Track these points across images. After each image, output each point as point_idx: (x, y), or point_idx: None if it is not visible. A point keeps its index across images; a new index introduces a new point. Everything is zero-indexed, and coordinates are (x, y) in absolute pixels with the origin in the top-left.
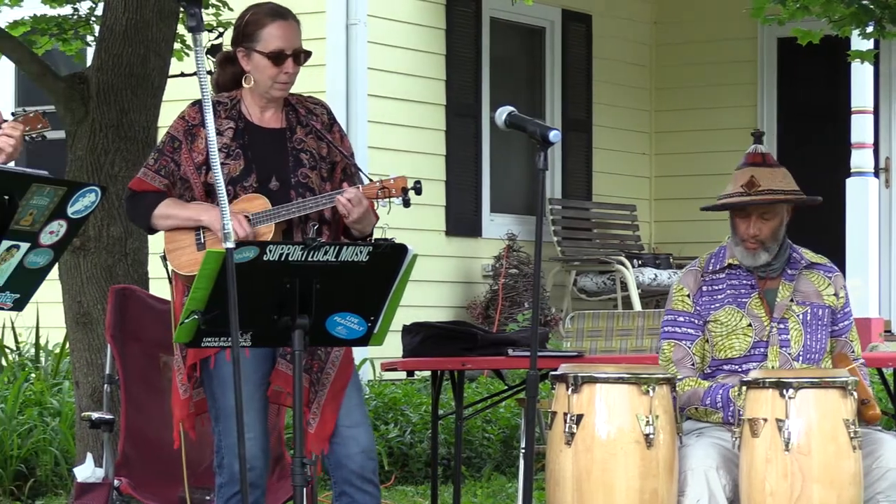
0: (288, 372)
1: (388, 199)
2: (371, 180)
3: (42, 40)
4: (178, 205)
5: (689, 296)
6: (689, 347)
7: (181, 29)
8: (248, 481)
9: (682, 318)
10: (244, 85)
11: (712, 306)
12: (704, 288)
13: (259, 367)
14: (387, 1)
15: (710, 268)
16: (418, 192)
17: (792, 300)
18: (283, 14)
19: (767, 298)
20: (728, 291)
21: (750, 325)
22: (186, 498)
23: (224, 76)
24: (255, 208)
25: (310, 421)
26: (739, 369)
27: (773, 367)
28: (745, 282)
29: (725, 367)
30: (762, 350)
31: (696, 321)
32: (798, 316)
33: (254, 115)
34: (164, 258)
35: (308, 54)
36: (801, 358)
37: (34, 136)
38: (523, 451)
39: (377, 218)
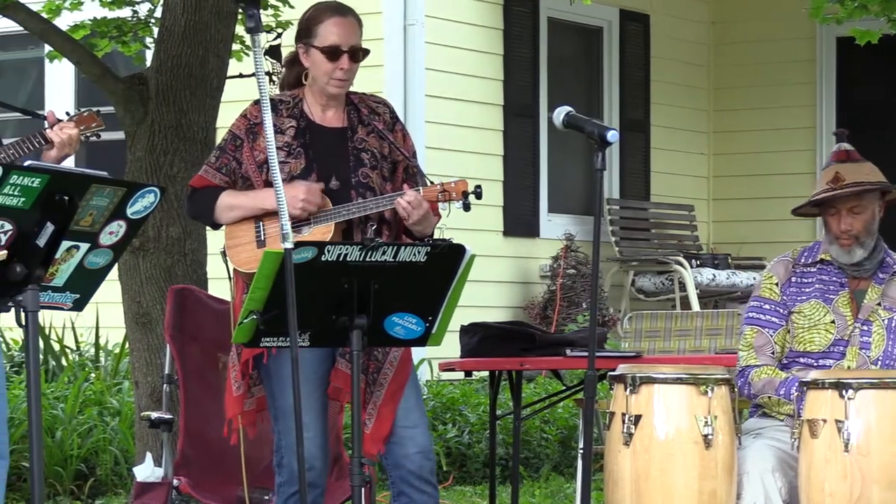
0: (347, 371)
1: (447, 203)
2: (432, 182)
3: (102, 43)
4: (242, 193)
5: (777, 284)
6: (771, 336)
7: (240, 30)
8: (307, 480)
9: (767, 306)
10: (304, 82)
11: (799, 298)
12: (793, 279)
13: (318, 367)
14: (444, 1)
15: (803, 260)
16: (479, 196)
17: (879, 304)
18: (343, 11)
19: (856, 298)
20: (817, 286)
21: (833, 321)
22: (245, 496)
23: (290, 77)
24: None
25: (366, 421)
26: (816, 364)
27: (848, 368)
28: (835, 279)
29: (801, 360)
30: (841, 349)
31: (781, 310)
32: (883, 321)
33: (315, 113)
34: (223, 254)
35: (366, 52)
36: (879, 362)
37: (89, 134)
38: (581, 451)
39: (439, 217)
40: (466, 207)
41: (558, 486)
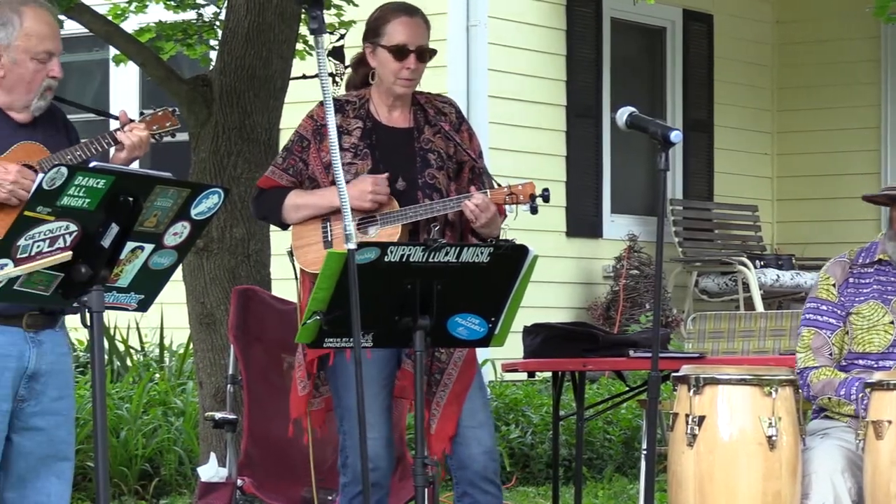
0: (412, 371)
1: (515, 205)
2: (499, 184)
3: (167, 46)
4: (309, 192)
5: (834, 285)
6: (829, 337)
7: (303, 30)
8: (372, 481)
9: (824, 307)
10: (371, 82)
11: (856, 299)
12: (851, 280)
13: (384, 368)
14: (507, 2)
15: (860, 261)
16: (546, 199)
17: None
18: (410, 11)
19: None
20: (875, 286)
21: (892, 322)
22: (314, 496)
23: (357, 77)
24: (383, 209)
25: (430, 422)
26: (875, 365)
27: None
28: (893, 279)
29: (860, 362)
30: None
31: (839, 311)
32: None
33: (381, 114)
34: (290, 254)
35: (433, 53)
36: None
37: (163, 133)
38: (645, 452)
39: (505, 217)
40: (534, 210)
41: (621, 487)
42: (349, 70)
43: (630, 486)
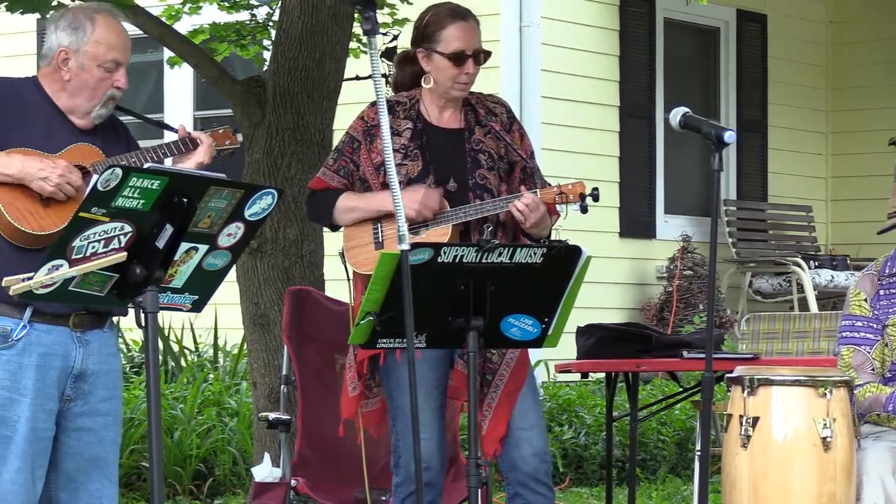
0: (465, 371)
1: (565, 205)
2: (549, 184)
3: (221, 47)
4: (360, 195)
5: (866, 300)
6: (869, 352)
7: (357, 28)
8: (424, 481)
9: (860, 323)
10: (423, 85)
11: (890, 310)
12: (882, 292)
13: (436, 368)
14: (560, 2)
15: (887, 271)
16: (596, 198)
17: None
18: (463, 14)
19: None
20: None
21: None
22: (367, 496)
23: (403, 76)
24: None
25: (482, 423)
26: None
27: None
28: None
29: None
30: None
31: (875, 325)
32: None
33: (432, 115)
34: (342, 255)
35: (487, 54)
36: None
37: (223, 152)
38: (698, 453)
39: (557, 216)
40: (584, 210)
41: (675, 488)
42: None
43: (684, 487)
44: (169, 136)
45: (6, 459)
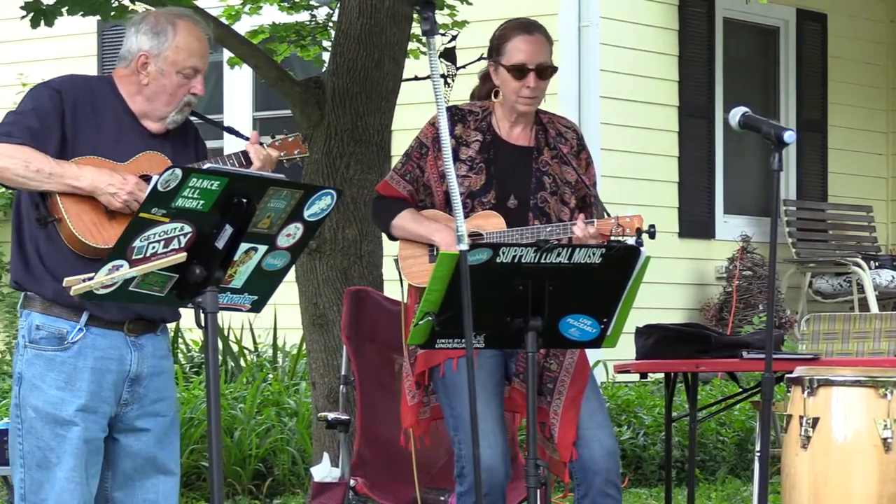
0: (520, 388)
1: (621, 237)
2: (608, 213)
3: (281, 47)
4: (415, 219)
5: None
6: None
7: (416, 29)
8: (486, 490)
9: None
10: (493, 99)
11: None
12: None
13: (493, 375)
14: (619, 2)
15: None
16: (652, 235)
17: None
18: (529, 28)
19: None
20: None
21: None
22: (417, 497)
23: (482, 90)
24: (490, 227)
25: (551, 431)
26: None
27: None
28: None
29: None
30: None
31: None
32: None
33: (503, 129)
34: (396, 262)
35: (553, 70)
36: None
37: (290, 160)
38: (758, 454)
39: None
40: (639, 245)
41: (734, 489)
42: (459, 71)
43: (743, 488)
44: (231, 142)
45: (61, 458)
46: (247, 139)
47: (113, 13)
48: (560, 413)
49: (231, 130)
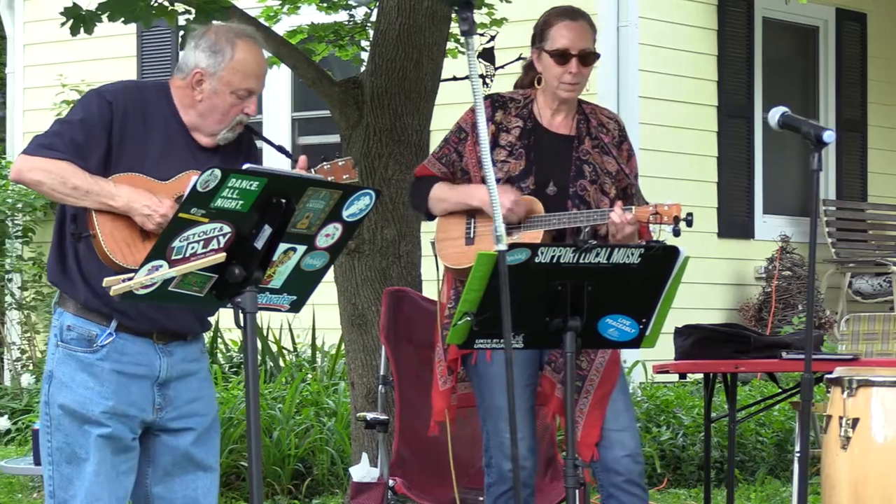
0: (551, 378)
1: (658, 225)
2: (647, 201)
3: (319, 47)
4: (452, 187)
5: None
6: None
7: (454, 29)
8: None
9: None
10: (536, 86)
11: None
12: None
13: (525, 369)
14: (658, 2)
15: None
16: (689, 223)
17: None
18: (573, 15)
19: None
20: None
21: None
22: (455, 497)
23: (526, 79)
24: (528, 213)
25: (575, 429)
26: None
27: None
28: None
29: None
30: None
31: None
32: None
33: (544, 117)
34: (433, 244)
35: (596, 56)
36: None
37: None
38: (798, 454)
39: (649, 237)
40: (676, 233)
41: (774, 489)
42: (498, 71)
43: (783, 488)
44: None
45: (90, 454)
46: (294, 159)
47: (153, 13)
48: (585, 412)
49: (281, 150)
